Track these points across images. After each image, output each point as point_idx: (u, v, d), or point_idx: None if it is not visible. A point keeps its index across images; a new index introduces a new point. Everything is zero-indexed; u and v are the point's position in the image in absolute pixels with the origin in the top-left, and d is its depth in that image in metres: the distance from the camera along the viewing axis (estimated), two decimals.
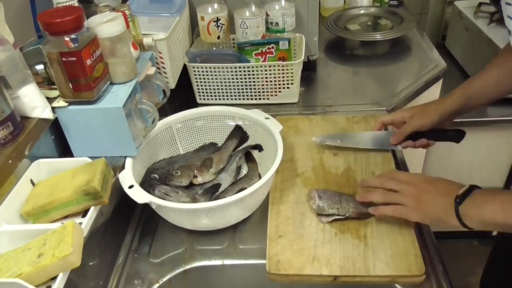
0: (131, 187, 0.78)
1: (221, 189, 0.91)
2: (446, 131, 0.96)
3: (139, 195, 0.77)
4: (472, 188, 0.72)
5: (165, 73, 1.09)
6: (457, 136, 0.97)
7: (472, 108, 0.93)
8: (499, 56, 0.92)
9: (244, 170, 0.99)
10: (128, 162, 0.84)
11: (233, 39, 1.25)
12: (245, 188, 0.79)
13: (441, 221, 0.73)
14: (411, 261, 0.74)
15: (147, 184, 0.87)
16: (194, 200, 0.87)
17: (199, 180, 0.92)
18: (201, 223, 0.82)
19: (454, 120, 0.95)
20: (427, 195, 0.76)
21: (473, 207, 0.70)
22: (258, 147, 0.99)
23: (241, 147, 1.01)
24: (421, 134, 0.95)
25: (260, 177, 0.96)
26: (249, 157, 1.01)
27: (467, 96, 0.92)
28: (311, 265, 0.76)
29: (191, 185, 0.92)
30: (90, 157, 0.81)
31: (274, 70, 1.14)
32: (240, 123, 1.00)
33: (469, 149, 1.63)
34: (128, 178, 0.80)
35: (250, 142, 1.01)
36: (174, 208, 0.79)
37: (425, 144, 0.96)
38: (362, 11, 1.67)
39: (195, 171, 0.92)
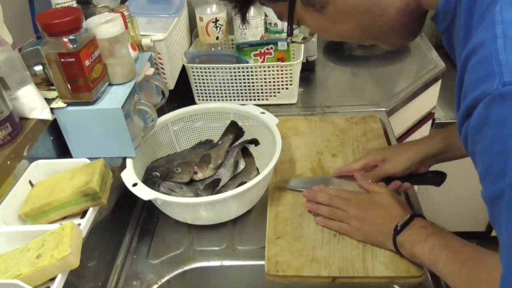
0: (135, 185, 0.78)
1: (221, 184, 0.93)
2: (424, 174, 0.89)
3: (145, 192, 0.77)
4: (413, 217, 0.73)
5: (163, 74, 1.09)
6: (436, 179, 0.90)
7: (455, 157, 0.85)
8: None
9: (242, 165, 1.00)
10: (129, 160, 0.84)
11: (232, 40, 1.25)
12: (245, 182, 0.80)
13: (381, 244, 0.76)
14: (410, 262, 0.74)
15: (149, 182, 0.88)
16: (197, 195, 0.88)
17: (200, 176, 0.93)
18: (204, 216, 0.83)
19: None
20: (370, 217, 0.78)
21: (408, 240, 0.72)
22: (255, 142, 1.00)
23: (237, 142, 1.01)
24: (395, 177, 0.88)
25: (258, 171, 0.97)
26: (245, 152, 1.02)
27: (449, 142, 0.85)
28: (309, 266, 0.76)
29: (191, 181, 0.93)
30: (88, 158, 0.81)
31: (273, 71, 1.14)
32: (235, 118, 1.01)
33: None
34: (131, 177, 0.80)
35: (246, 137, 1.02)
36: (181, 203, 0.80)
37: (398, 187, 0.87)
38: None
39: (195, 167, 0.93)
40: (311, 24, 0.66)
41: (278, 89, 1.18)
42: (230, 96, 1.19)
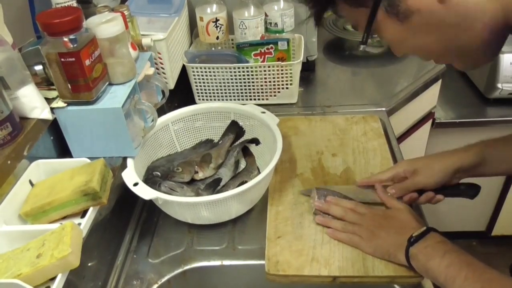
0: (136, 184, 0.78)
1: (222, 183, 0.93)
2: (456, 185, 0.85)
3: (145, 192, 0.77)
4: (429, 230, 0.71)
5: (164, 73, 1.09)
6: (470, 192, 0.86)
7: (489, 173, 0.82)
8: None
9: (242, 165, 1.00)
10: (130, 160, 0.84)
11: (232, 40, 1.25)
12: (245, 182, 0.80)
13: (392, 256, 0.74)
14: None
15: (150, 181, 0.88)
16: (197, 194, 0.88)
17: (200, 175, 0.93)
18: (205, 216, 0.84)
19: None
20: (382, 230, 0.77)
21: (423, 253, 0.69)
22: (255, 141, 1.00)
23: (238, 142, 1.01)
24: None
25: (258, 170, 0.97)
26: (246, 152, 1.02)
27: (485, 156, 0.81)
28: (310, 265, 0.76)
29: (192, 181, 0.93)
30: (89, 158, 0.81)
31: (273, 70, 1.14)
32: (236, 118, 1.01)
33: None
34: (132, 176, 0.80)
35: (246, 136, 1.02)
36: (182, 202, 0.80)
37: (431, 198, 0.85)
38: None
39: (196, 167, 0.93)
40: (388, 34, 0.63)
41: (279, 88, 1.18)
42: (230, 96, 1.19)
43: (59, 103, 0.80)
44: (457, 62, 0.64)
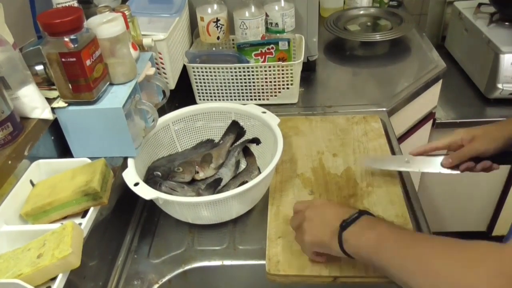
0: (136, 184, 0.78)
1: (222, 183, 0.93)
2: (510, 153, 0.84)
3: (146, 192, 0.77)
4: (361, 213, 0.66)
5: (164, 73, 1.09)
6: None
7: None
8: None
9: (243, 165, 1.00)
10: (130, 160, 0.84)
11: (233, 40, 1.25)
12: (246, 181, 0.80)
13: (326, 246, 0.68)
14: None
15: (151, 181, 0.88)
16: (198, 194, 0.88)
17: (201, 175, 0.93)
18: (206, 216, 0.84)
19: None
20: (308, 223, 0.71)
21: (353, 235, 0.64)
22: (256, 141, 1.00)
23: (238, 142, 1.01)
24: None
25: (259, 170, 0.97)
26: (246, 152, 1.02)
27: None
28: (310, 265, 0.76)
29: (193, 181, 0.93)
30: (89, 158, 0.81)
31: (274, 70, 1.14)
32: (236, 118, 1.01)
33: None
34: (133, 176, 0.80)
35: (247, 136, 1.02)
36: (182, 202, 0.80)
37: (489, 167, 0.84)
38: (361, 12, 1.67)
39: (196, 167, 0.93)
40: None
41: (279, 88, 1.18)
42: (231, 96, 1.19)
43: (60, 103, 0.80)
44: None
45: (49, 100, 0.81)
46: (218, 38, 1.19)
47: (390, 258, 0.59)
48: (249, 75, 1.15)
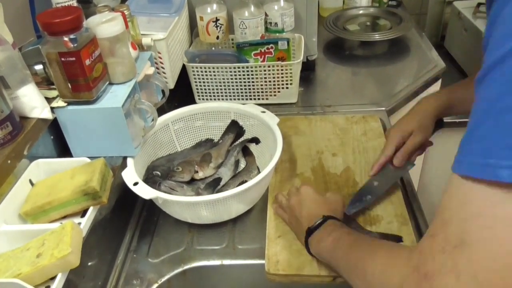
0: (136, 184, 0.78)
1: (222, 183, 0.93)
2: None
3: (145, 191, 0.77)
4: (326, 219, 0.72)
5: (164, 73, 1.09)
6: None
7: (456, 113, 0.94)
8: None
9: (242, 164, 1.00)
10: (130, 160, 0.84)
11: (232, 39, 1.25)
12: (245, 181, 0.80)
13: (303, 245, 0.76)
14: None
15: (150, 181, 0.88)
16: (197, 194, 0.88)
17: (200, 175, 0.93)
18: (205, 215, 0.83)
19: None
20: (292, 218, 0.80)
21: (315, 239, 0.72)
22: (255, 140, 1.00)
23: (238, 141, 1.01)
24: None
25: (258, 170, 0.97)
26: (246, 151, 1.02)
27: (451, 101, 0.92)
28: (310, 265, 0.76)
29: (192, 180, 0.93)
30: (89, 157, 0.81)
31: (273, 70, 1.14)
32: (236, 118, 1.01)
33: None
34: (132, 176, 0.80)
35: (246, 136, 1.02)
36: (182, 202, 0.80)
37: (429, 145, 0.96)
38: (361, 12, 1.67)
39: (196, 166, 0.93)
40: None
41: (279, 88, 1.18)
42: (230, 96, 1.19)
43: (59, 103, 0.80)
44: None
45: (49, 100, 0.81)
46: (217, 37, 1.19)
47: (339, 259, 0.65)
48: (248, 75, 1.15)
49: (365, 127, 1.08)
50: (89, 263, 0.75)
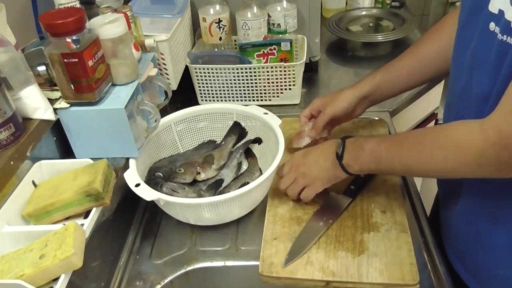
0: (137, 185, 0.78)
1: (224, 185, 0.93)
2: None
3: (147, 193, 0.77)
4: (343, 141, 0.80)
5: (166, 74, 1.09)
6: None
7: (385, 97, 0.94)
8: (415, 43, 0.90)
9: (244, 166, 1.00)
10: (132, 161, 0.84)
11: (235, 40, 1.25)
12: (247, 183, 0.80)
13: (337, 177, 0.81)
14: (406, 270, 0.73)
15: (152, 182, 0.88)
16: (199, 195, 0.88)
17: (202, 176, 0.93)
18: (207, 217, 0.83)
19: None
20: (307, 166, 0.84)
21: (351, 159, 0.77)
22: (258, 140, 1.00)
23: (240, 143, 1.01)
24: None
25: (260, 172, 0.97)
26: (248, 153, 1.02)
27: (377, 84, 0.91)
28: (304, 269, 0.75)
29: (194, 182, 0.93)
30: (91, 158, 0.81)
31: (276, 71, 1.14)
32: (238, 119, 1.01)
33: None
34: (134, 177, 0.80)
35: (249, 137, 1.02)
36: (184, 204, 0.80)
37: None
38: (363, 13, 1.67)
39: (198, 167, 0.93)
40: None
41: (281, 89, 1.18)
42: (233, 97, 1.19)
43: (62, 104, 0.80)
44: None
45: (51, 101, 0.81)
46: (220, 38, 1.19)
47: (390, 164, 0.73)
48: (251, 76, 1.15)
49: (371, 133, 1.06)
50: (92, 264, 0.75)
